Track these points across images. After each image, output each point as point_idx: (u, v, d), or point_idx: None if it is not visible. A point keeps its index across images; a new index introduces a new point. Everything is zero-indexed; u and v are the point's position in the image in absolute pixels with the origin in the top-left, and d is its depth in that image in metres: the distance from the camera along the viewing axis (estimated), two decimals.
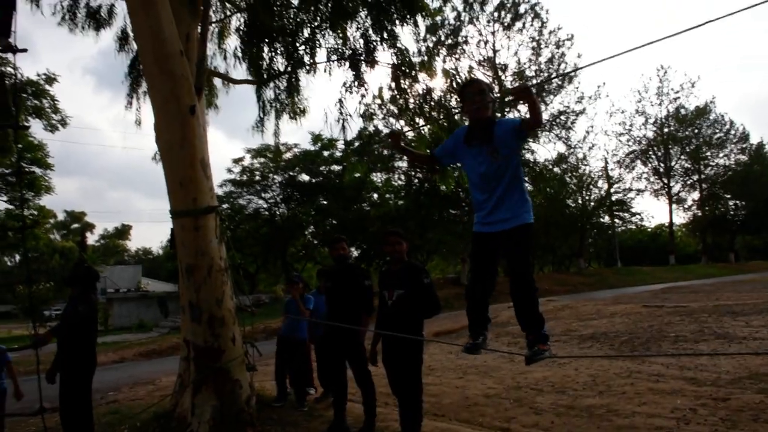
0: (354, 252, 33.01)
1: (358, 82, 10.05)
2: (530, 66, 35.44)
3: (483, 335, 3.63)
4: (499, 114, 26.78)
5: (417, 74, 10.25)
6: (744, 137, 51.68)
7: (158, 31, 6.01)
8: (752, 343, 10.12)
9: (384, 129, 28.20)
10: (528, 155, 33.72)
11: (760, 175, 49.46)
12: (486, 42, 34.75)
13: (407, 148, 4.10)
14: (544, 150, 57.57)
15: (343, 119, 10.11)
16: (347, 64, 10.04)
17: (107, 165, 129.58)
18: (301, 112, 10.60)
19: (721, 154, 51.50)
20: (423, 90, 10.49)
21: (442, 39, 32.31)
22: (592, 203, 45.65)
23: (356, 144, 29.25)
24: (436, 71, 10.76)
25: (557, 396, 7.49)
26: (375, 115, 10.61)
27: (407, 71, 10.15)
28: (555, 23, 67.41)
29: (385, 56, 9.91)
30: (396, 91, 10.43)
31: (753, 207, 51.16)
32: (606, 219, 48.69)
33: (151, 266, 64.90)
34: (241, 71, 10.98)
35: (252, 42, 10.08)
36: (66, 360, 5.69)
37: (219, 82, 11.11)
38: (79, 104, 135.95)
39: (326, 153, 34.22)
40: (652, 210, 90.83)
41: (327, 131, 22.32)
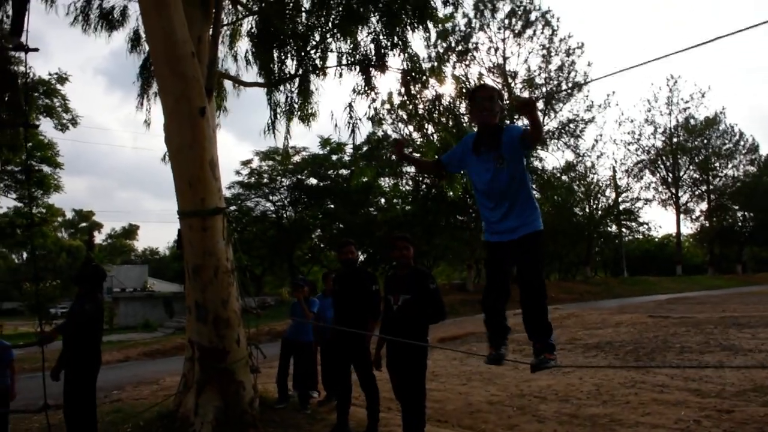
0: (360, 256, 33.00)
1: (368, 87, 10.08)
2: (540, 74, 35.49)
3: (505, 345, 3.63)
4: (508, 121, 26.79)
5: (427, 80, 10.27)
6: (753, 148, 51.59)
7: (170, 33, 6.06)
8: (758, 356, 10.07)
9: (393, 134, 28.36)
10: (536, 163, 33.71)
11: None
12: (496, 49, 34.87)
13: (412, 157, 4.10)
14: (553, 158, 57.51)
15: (353, 123, 10.14)
16: (357, 69, 10.07)
17: (117, 165, 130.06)
18: (312, 116, 10.63)
19: (730, 165, 51.44)
20: (433, 96, 10.51)
21: (453, 45, 32.62)
22: (600, 212, 45.56)
23: (364, 148, 29.30)
24: (446, 77, 10.79)
25: (561, 404, 7.47)
26: (384, 120, 10.63)
27: (417, 77, 10.17)
28: (565, 31, 67.37)
29: (396, 62, 9.90)
30: (405, 97, 10.46)
31: (761, 218, 50.88)
32: (613, 228, 48.58)
33: (158, 266, 64.97)
34: (252, 74, 11.03)
35: (263, 45, 10.13)
36: (71, 358, 5.72)
37: (229, 85, 11.17)
38: (90, 104, 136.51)
39: (335, 157, 34.26)
40: (660, 220, 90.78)
41: (336, 135, 22.39)
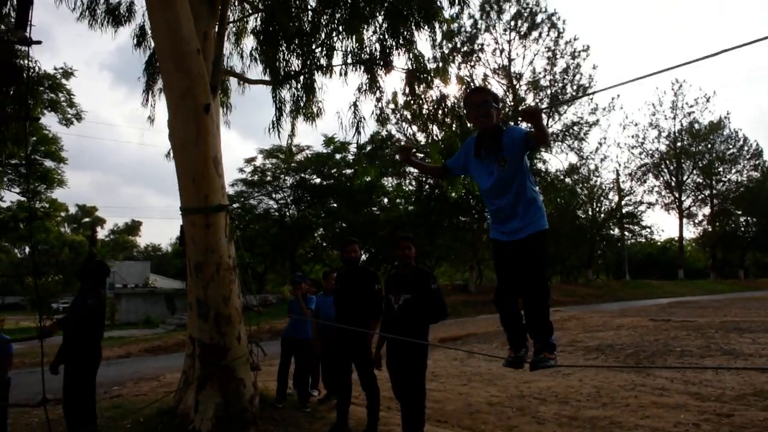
0: (363, 255, 33.01)
1: (373, 86, 10.09)
2: (545, 76, 35.46)
3: (525, 347, 3.54)
4: (512, 122, 26.79)
5: (432, 80, 10.28)
6: (757, 154, 51.53)
7: (176, 29, 6.07)
8: (758, 360, 10.07)
9: (397, 134, 28.34)
10: (539, 165, 33.69)
11: None
12: (501, 50, 34.87)
13: (418, 162, 4.10)
14: (556, 160, 57.55)
15: (358, 122, 10.15)
16: (363, 68, 10.08)
17: (121, 160, 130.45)
18: (316, 114, 10.63)
19: (734, 170, 51.42)
20: (437, 96, 10.52)
21: (458, 46, 32.62)
22: (603, 215, 45.58)
23: (368, 148, 29.29)
24: (451, 78, 10.79)
25: (560, 406, 7.47)
26: (389, 120, 10.63)
27: (422, 77, 10.18)
28: (571, 33, 67.34)
29: (401, 61, 9.90)
30: (410, 97, 10.46)
31: (764, 224, 50.86)
32: (616, 231, 48.58)
33: (160, 263, 65.00)
34: (257, 71, 11.03)
35: (268, 43, 10.13)
36: (71, 353, 5.73)
37: (234, 82, 11.18)
38: (96, 99, 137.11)
39: (338, 156, 34.26)
40: (663, 224, 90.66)
41: (341, 134, 22.36)
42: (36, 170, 25.97)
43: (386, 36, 9.80)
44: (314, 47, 10.09)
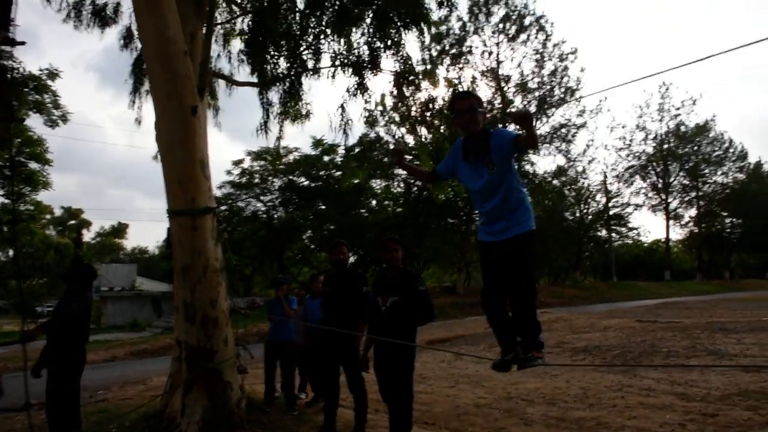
0: (351, 257, 32.97)
1: (361, 89, 10.09)
2: (533, 78, 35.58)
3: (514, 350, 3.52)
4: (501, 125, 26.88)
5: (420, 82, 10.30)
6: (742, 156, 52.11)
7: (163, 30, 6.03)
8: (743, 360, 10.15)
9: (385, 136, 28.36)
10: (527, 167, 33.82)
11: (757, 194, 49.73)
12: (490, 53, 34.86)
13: (411, 166, 4.10)
14: (544, 162, 57.76)
15: (345, 124, 10.15)
16: (351, 70, 10.08)
17: (108, 162, 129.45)
18: (304, 116, 10.62)
19: (720, 172, 51.92)
20: (426, 98, 10.54)
21: (447, 48, 32.66)
22: (590, 216, 45.87)
23: (356, 150, 29.25)
24: (439, 80, 10.82)
25: (548, 407, 7.49)
26: (377, 122, 10.65)
27: (410, 79, 10.19)
28: (559, 36, 67.59)
29: (389, 63, 9.93)
30: (398, 99, 10.47)
31: (749, 225, 51.38)
32: (603, 233, 48.90)
33: (147, 265, 64.59)
34: (245, 73, 11.02)
35: (256, 45, 10.11)
36: (55, 356, 5.68)
37: (223, 84, 11.15)
38: (82, 101, 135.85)
39: (327, 158, 34.21)
40: (649, 225, 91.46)
41: (329, 136, 22.35)
42: (21, 172, 25.72)
43: (374, 38, 9.81)
44: (302, 49, 10.07)
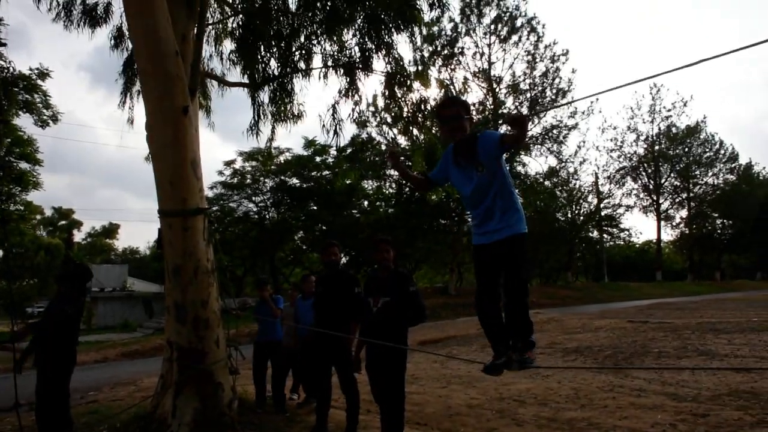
0: (343, 258, 32.95)
1: (353, 89, 10.09)
2: (525, 79, 35.68)
3: (507, 354, 3.53)
4: (493, 127, 26.94)
5: (411, 83, 10.30)
6: (733, 157, 52.44)
7: (154, 30, 6.00)
8: (734, 361, 10.20)
9: (377, 137, 28.36)
10: (519, 168, 33.92)
11: (748, 195, 50.08)
12: (482, 54, 34.97)
13: (407, 171, 4.10)
14: (536, 163, 57.92)
15: (336, 125, 10.14)
16: (342, 71, 10.07)
17: (99, 163, 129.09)
18: (296, 117, 10.60)
19: (710, 173, 52.33)
20: (417, 99, 10.54)
21: (439, 49, 32.70)
22: (582, 218, 45.99)
23: (348, 150, 29.24)
24: (431, 81, 10.82)
25: (539, 408, 7.51)
26: (369, 123, 10.65)
27: (402, 80, 10.19)
28: (551, 38, 67.77)
29: (380, 64, 9.93)
30: (390, 100, 10.47)
31: (740, 226, 51.79)
32: (595, 234, 49.07)
33: (138, 266, 64.26)
34: (236, 74, 10.98)
35: (247, 45, 10.09)
36: (46, 357, 5.65)
37: (214, 84, 11.11)
38: (73, 101, 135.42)
39: (318, 158, 34.20)
40: (641, 226, 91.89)
41: (321, 137, 22.33)
42: (10, 172, 25.57)
43: (366, 39, 9.80)
44: (294, 50, 10.06)
